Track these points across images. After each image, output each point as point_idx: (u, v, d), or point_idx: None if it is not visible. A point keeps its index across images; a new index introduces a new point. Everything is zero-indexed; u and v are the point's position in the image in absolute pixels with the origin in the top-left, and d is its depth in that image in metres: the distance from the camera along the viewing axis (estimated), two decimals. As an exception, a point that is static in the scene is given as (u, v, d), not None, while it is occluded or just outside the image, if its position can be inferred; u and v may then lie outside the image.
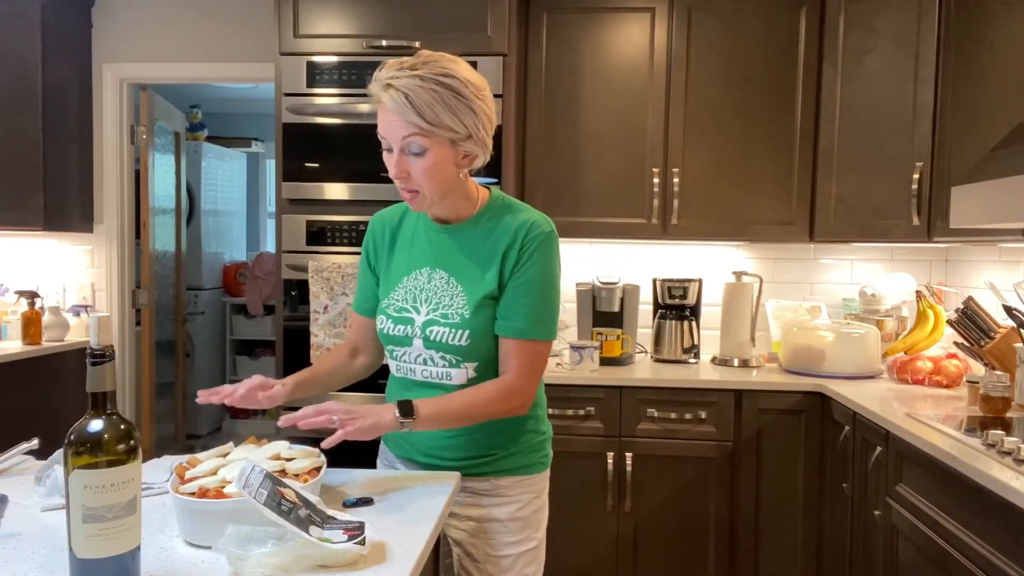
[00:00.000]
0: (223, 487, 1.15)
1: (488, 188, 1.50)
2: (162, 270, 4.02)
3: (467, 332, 1.40)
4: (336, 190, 2.70)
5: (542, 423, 1.56)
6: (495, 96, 2.67)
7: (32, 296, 3.22)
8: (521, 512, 1.50)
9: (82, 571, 0.92)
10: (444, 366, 1.44)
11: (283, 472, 1.23)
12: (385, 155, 1.37)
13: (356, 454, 1.72)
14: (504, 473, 1.49)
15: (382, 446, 1.65)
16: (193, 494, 1.14)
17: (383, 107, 1.32)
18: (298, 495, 1.10)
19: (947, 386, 2.53)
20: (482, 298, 1.41)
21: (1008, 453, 1.64)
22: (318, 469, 1.27)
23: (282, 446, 1.33)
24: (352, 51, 2.67)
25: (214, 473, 1.20)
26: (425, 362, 1.45)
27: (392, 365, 1.53)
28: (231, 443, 1.36)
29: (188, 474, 1.21)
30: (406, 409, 1.32)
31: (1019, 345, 2.17)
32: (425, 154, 1.33)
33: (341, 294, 2.66)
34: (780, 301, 3.21)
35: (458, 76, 1.32)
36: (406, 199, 1.40)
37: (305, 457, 1.28)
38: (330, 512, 1.13)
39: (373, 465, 1.64)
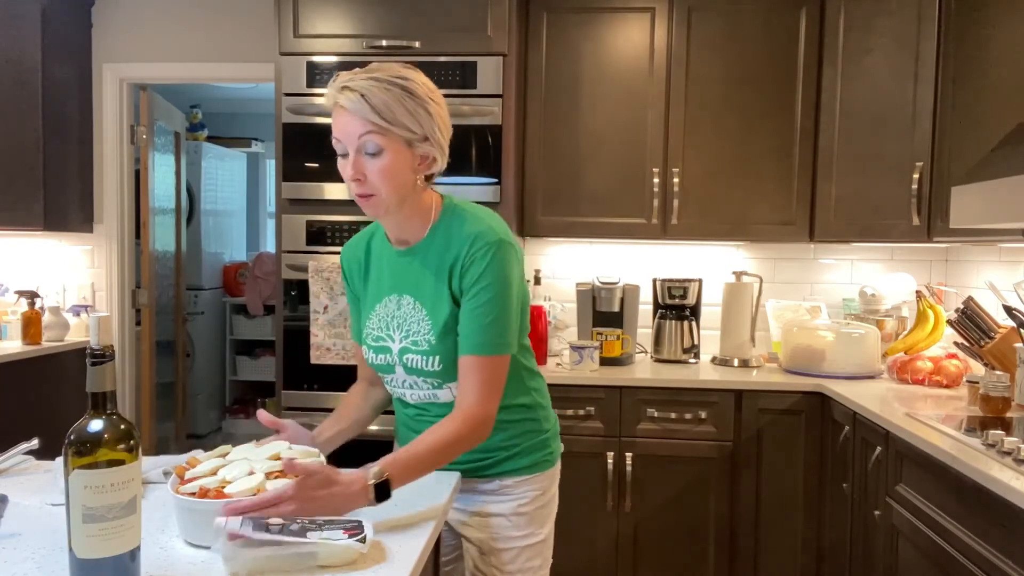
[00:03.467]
0: (223, 487, 1.15)
1: (442, 196, 1.47)
2: (162, 270, 4.02)
3: (437, 357, 1.40)
4: (336, 190, 2.70)
5: (545, 421, 1.56)
6: (495, 96, 2.69)
7: (32, 296, 3.22)
8: (524, 508, 1.51)
9: (82, 571, 0.92)
10: (429, 388, 1.45)
11: (283, 472, 1.23)
12: (340, 162, 1.35)
13: (357, 455, 1.72)
14: (508, 474, 1.50)
15: (395, 445, 1.67)
16: (193, 494, 1.14)
17: (339, 109, 1.32)
18: (284, 516, 1.09)
19: (947, 386, 2.53)
20: (445, 322, 1.39)
21: (1008, 453, 1.64)
22: None
23: (282, 446, 1.33)
24: (352, 51, 2.67)
25: (214, 473, 1.20)
26: (411, 386, 1.47)
27: (387, 387, 1.55)
28: (229, 444, 1.36)
29: (188, 474, 1.21)
30: (383, 493, 1.21)
31: (1019, 345, 2.17)
32: (382, 154, 1.31)
33: (341, 294, 2.66)
34: (780, 301, 3.21)
35: (413, 79, 1.34)
36: (361, 204, 1.37)
37: (305, 457, 1.28)
38: (325, 518, 1.13)
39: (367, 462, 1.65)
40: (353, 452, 2.40)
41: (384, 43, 2.65)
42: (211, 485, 1.16)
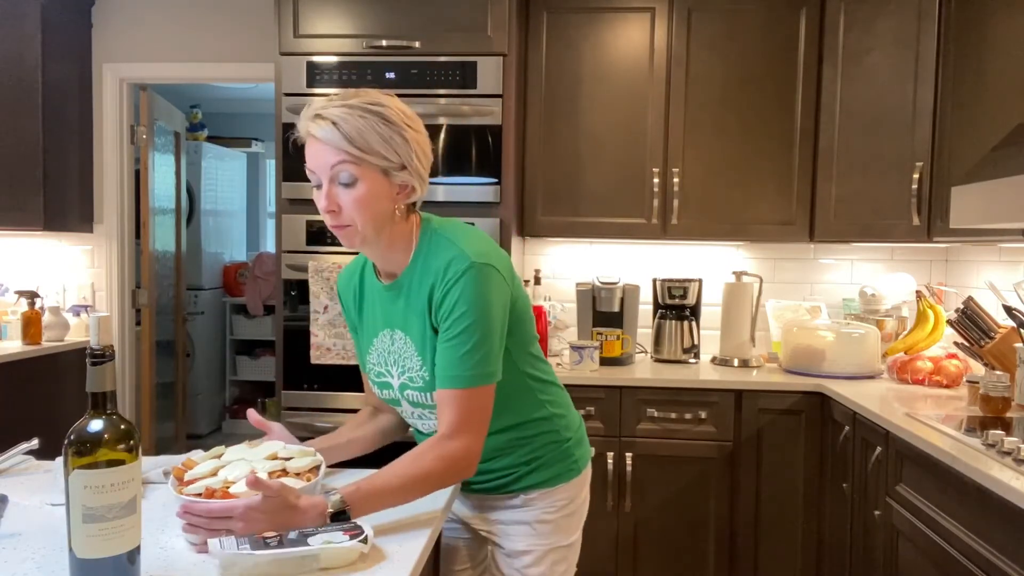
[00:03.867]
0: (227, 487, 1.15)
1: (422, 219, 1.40)
2: (162, 270, 4.02)
3: (433, 394, 1.36)
4: (336, 190, 2.69)
5: (565, 430, 1.51)
6: (495, 96, 2.69)
7: (32, 296, 3.22)
8: (549, 516, 1.48)
9: (82, 571, 0.92)
10: (436, 419, 1.38)
11: (284, 472, 1.23)
12: (315, 193, 1.31)
13: (365, 455, 1.71)
14: (532, 488, 1.47)
15: None
16: (199, 495, 1.14)
17: (312, 139, 1.27)
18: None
19: (947, 386, 2.53)
20: (434, 357, 1.33)
21: (1008, 453, 1.64)
22: (318, 468, 1.26)
23: (277, 446, 1.32)
24: (352, 51, 2.67)
25: (214, 474, 1.20)
26: (419, 417, 1.43)
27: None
28: (223, 445, 1.35)
29: (187, 475, 1.21)
30: (339, 516, 1.16)
31: (1019, 345, 2.17)
32: (356, 184, 1.26)
33: (341, 294, 2.65)
34: (780, 301, 3.21)
35: (388, 105, 1.28)
36: (338, 235, 1.32)
37: (303, 456, 1.28)
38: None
39: (375, 466, 1.64)
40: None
41: (384, 43, 2.65)
42: (215, 486, 1.16)
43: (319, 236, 2.71)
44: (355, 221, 1.28)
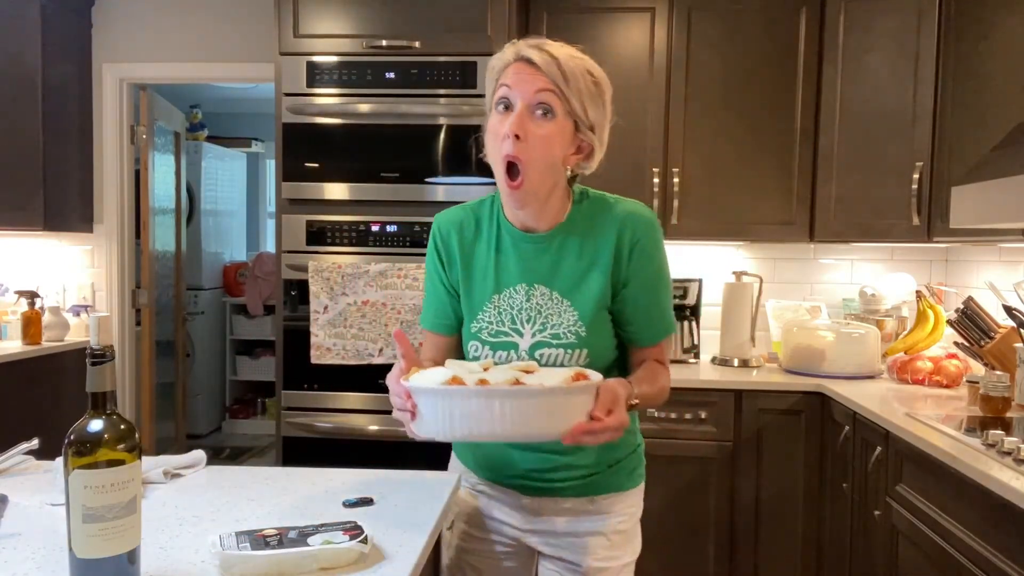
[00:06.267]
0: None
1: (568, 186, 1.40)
2: (162, 270, 4.02)
3: (585, 351, 1.32)
4: (336, 190, 2.70)
5: (637, 435, 1.49)
6: (495, 96, 2.69)
7: (32, 296, 3.22)
8: (623, 526, 1.44)
9: (82, 571, 0.92)
10: None
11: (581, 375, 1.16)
12: (494, 119, 1.28)
13: (356, 455, 1.71)
14: (605, 491, 1.42)
15: (456, 461, 1.54)
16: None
17: (523, 64, 1.26)
18: (278, 528, 1.08)
19: (947, 386, 2.53)
20: (596, 311, 1.32)
21: (1008, 453, 1.64)
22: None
23: (487, 362, 1.26)
24: (352, 51, 2.67)
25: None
26: None
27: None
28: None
29: (474, 377, 1.13)
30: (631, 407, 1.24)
31: (1019, 345, 2.17)
32: (551, 120, 1.26)
33: (341, 294, 2.66)
34: (780, 301, 3.21)
35: (601, 73, 1.33)
36: (502, 173, 1.26)
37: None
38: (320, 522, 1.12)
39: (379, 466, 1.63)
40: (352, 452, 2.41)
41: (384, 43, 2.65)
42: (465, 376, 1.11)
43: (319, 236, 2.71)
44: (532, 156, 1.25)
